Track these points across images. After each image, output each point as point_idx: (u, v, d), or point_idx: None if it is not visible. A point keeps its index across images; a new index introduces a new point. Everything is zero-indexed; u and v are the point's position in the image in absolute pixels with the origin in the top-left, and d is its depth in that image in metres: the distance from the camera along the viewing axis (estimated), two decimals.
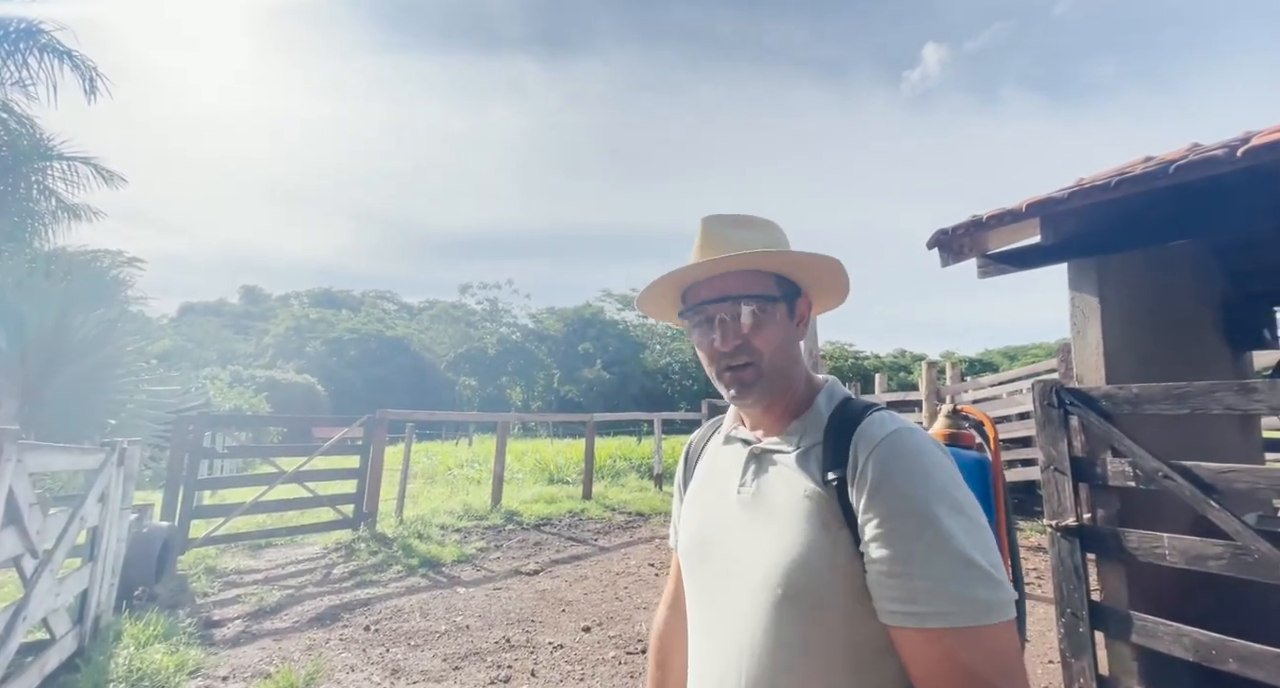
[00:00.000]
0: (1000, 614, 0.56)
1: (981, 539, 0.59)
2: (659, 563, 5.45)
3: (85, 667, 2.86)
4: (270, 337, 39.71)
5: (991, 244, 3.22)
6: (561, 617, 4.01)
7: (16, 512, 2.15)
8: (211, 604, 4.16)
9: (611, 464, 11.58)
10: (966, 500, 0.61)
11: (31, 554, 2.37)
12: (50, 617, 2.68)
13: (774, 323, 0.75)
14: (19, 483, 2.13)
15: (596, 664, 3.24)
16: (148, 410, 5.45)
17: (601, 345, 44.13)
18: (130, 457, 3.58)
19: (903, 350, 62.75)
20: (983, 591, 0.56)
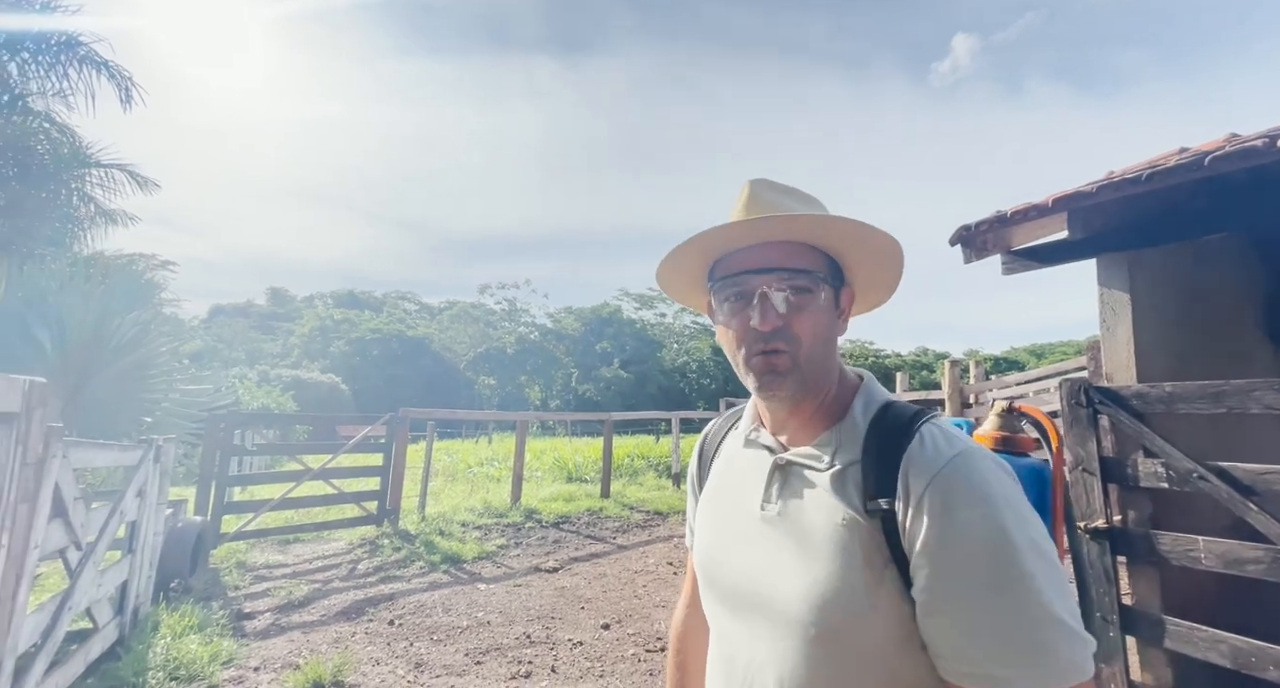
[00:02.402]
0: (1083, 673, 0.50)
1: (1062, 587, 0.52)
2: (677, 562, 5.46)
3: (126, 655, 2.97)
4: (296, 337, 40.65)
5: (1016, 240, 3.15)
6: (581, 614, 4.04)
7: (62, 506, 2.25)
8: (243, 597, 4.29)
9: (629, 463, 11.61)
10: (1043, 540, 0.54)
11: (76, 547, 2.48)
12: (93, 607, 2.80)
13: (819, 308, 0.65)
14: (64, 478, 2.22)
15: (616, 662, 3.26)
16: (181, 409, 5.63)
17: (619, 344, 44.24)
18: (166, 454, 3.71)
19: (925, 348, 61.69)
20: (1065, 649, 0.50)
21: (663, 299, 52.01)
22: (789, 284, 0.63)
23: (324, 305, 51.26)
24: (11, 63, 5.33)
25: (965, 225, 3.11)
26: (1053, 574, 0.52)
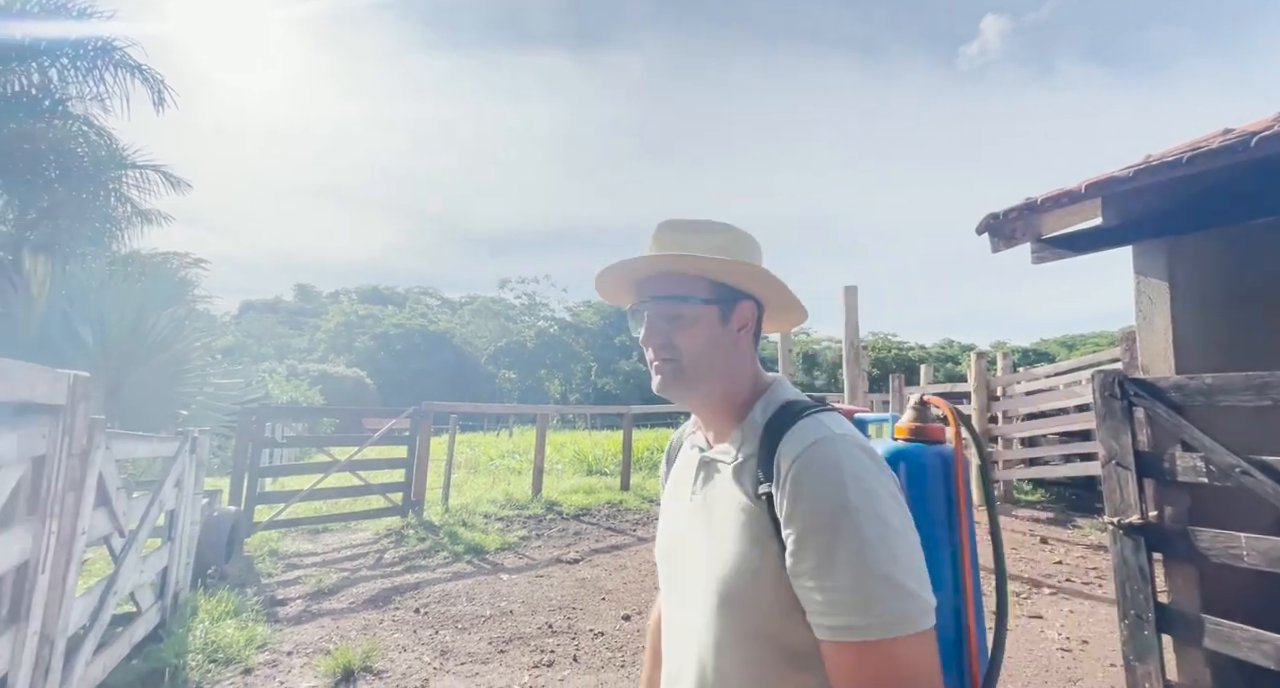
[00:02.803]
0: (907, 628, 0.56)
1: (897, 550, 0.59)
2: None
3: (167, 638, 3.10)
4: (322, 332, 41.57)
5: (1047, 228, 3.06)
6: (602, 605, 4.08)
7: (106, 495, 2.35)
8: (275, 584, 4.43)
9: (649, 456, 11.64)
10: (887, 510, 0.61)
11: (119, 534, 2.58)
12: (136, 591, 2.92)
13: (699, 324, 0.76)
14: (107, 468, 2.32)
15: (637, 653, 3.29)
16: (215, 402, 5.82)
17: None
18: (201, 445, 3.84)
19: (950, 340, 60.41)
20: (892, 605, 0.57)
21: None
22: (667, 309, 0.77)
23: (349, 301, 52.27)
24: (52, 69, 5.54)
25: (993, 214, 3.03)
26: (890, 539, 0.59)
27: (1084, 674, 2.99)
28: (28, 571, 1.74)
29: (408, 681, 2.91)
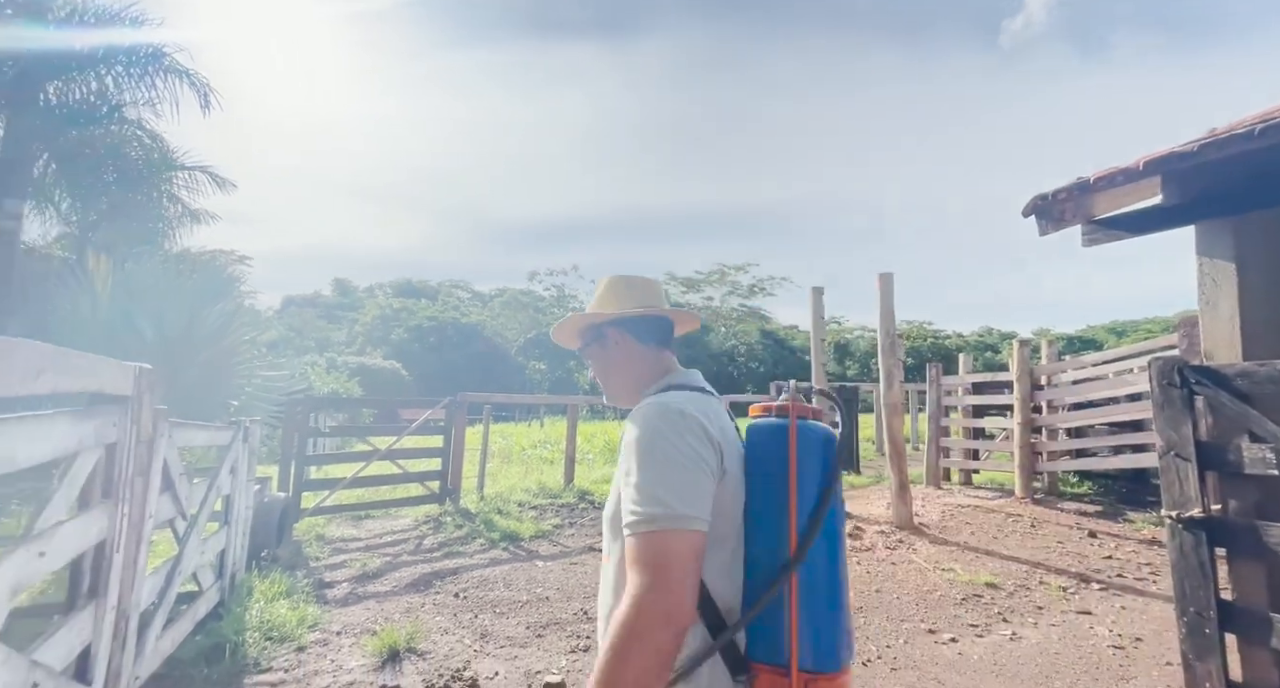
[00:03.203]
0: (661, 525, 0.78)
1: (664, 474, 0.81)
2: None
3: (227, 616, 3.28)
4: (359, 325, 42.84)
5: (1100, 208, 2.91)
6: None
7: (170, 480, 2.49)
8: (323, 568, 4.63)
9: None
10: (665, 446, 0.83)
11: (182, 517, 2.73)
12: (198, 572, 3.09)
13: (594, 360, 1.12)
14: (171, 455, 2.45)
15: None
16: (263, 393, 6.08)
17: None
18: (253, 434, 4.02)
19: (989, 328, 58.39)
20: (650, 508, 0.79)
21: (710, 281, 51.41)
22: (584, 357, 1.16)
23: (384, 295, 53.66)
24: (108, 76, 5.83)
25: (1041, 195, 2.90)
26: (660, 466, 0.82)
27: (1138, 673, 2.88)
28: (104, 550, 1.86)
29: (450, 662, 3.00)
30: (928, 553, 4.86)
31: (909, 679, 2.85)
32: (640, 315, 1.08)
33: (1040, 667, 2.97)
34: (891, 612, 3.71)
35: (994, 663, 3.01)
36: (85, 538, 1.72)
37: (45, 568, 1.48)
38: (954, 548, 4.96)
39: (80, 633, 1.75)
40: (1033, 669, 2.94)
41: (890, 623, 3.53)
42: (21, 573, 1.36)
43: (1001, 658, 3.06)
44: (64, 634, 1.63)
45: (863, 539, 5.30)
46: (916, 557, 4.78)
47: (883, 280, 6.18)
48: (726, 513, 0.87)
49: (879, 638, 3.33)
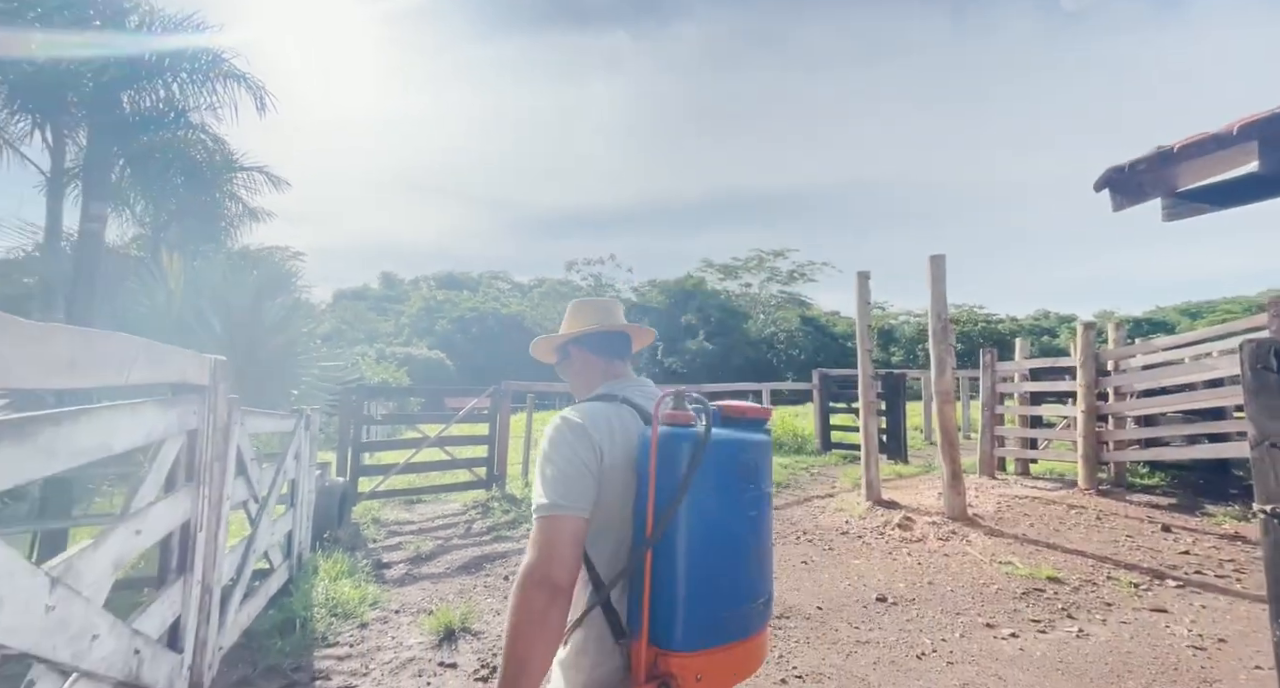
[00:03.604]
0: (543, 513, 0.99)
1: (547, 473, 1.02)
2: (775, 533, 5.41)
3: (296, 593, 3.48)
4: (405, 317, 44.33)
5: (1183, 179, 2.69)
6: None
7: (243, 465, 2.64)
8: (380, 549, 4.85)
9: None
10: (553, 451, 1.04)
11: (254, 500, 2.90)
12: (269, 551, 3.29)
13: (564, 372, 1.39)
14: (243, 441, 2.60)
15: None
16: (320, 383, 6.38)
17: (704, 316, 43.85)
18: (313, 422, 4.22)
19: (1045, 311, 55.38)
20: (537, 501, 1.01)
21: (748, 268, 50.64)
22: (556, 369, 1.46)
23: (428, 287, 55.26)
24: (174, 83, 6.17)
25: (1116, 166, 2.70)
26: (546, 467, 1.03)
27: (1222, 676, 2.70)
28: (189, 529, 1.99)
29: (503, 642, 3.10)
30: (983, 545, 4.69)
31: (967, 674, 2.76)
32: (595, 332, 1.31)
33: (1110, 666, 2.82)
34: (945, 604, 3.60)
35: (1059, 660, 2.88)
36: (173, 518, 1.85)
37: (141, 545, 1.59)
38: (1011, 540, 4.77)
39: (171, 606, 1.88)
40: (1102, 668, 2.80)
41: (945, 616, 3.43)
42: (122, 549, 1.47)
43: (1067, 655, 2.93)
44: (157, 607, 1.76)
45: (913, 530, 5.15)
46: (971, 549, 4.61)
47: (933, 263, 5.92)
48: (612, 503, 1.02)
49: (933, 631, 3.24)
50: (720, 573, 0.95)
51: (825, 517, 5.96)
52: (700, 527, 0.94)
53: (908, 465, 9.10)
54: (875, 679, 2.72)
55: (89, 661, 1.27)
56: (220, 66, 6.41)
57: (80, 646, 1.23)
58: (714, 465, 0.96)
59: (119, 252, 8.74)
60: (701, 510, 0.94)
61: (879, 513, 5.70)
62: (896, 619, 3.40)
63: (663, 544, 0.93)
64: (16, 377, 0.87)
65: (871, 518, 5.59)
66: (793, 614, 3.50)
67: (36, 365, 0.90)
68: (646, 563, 0.93)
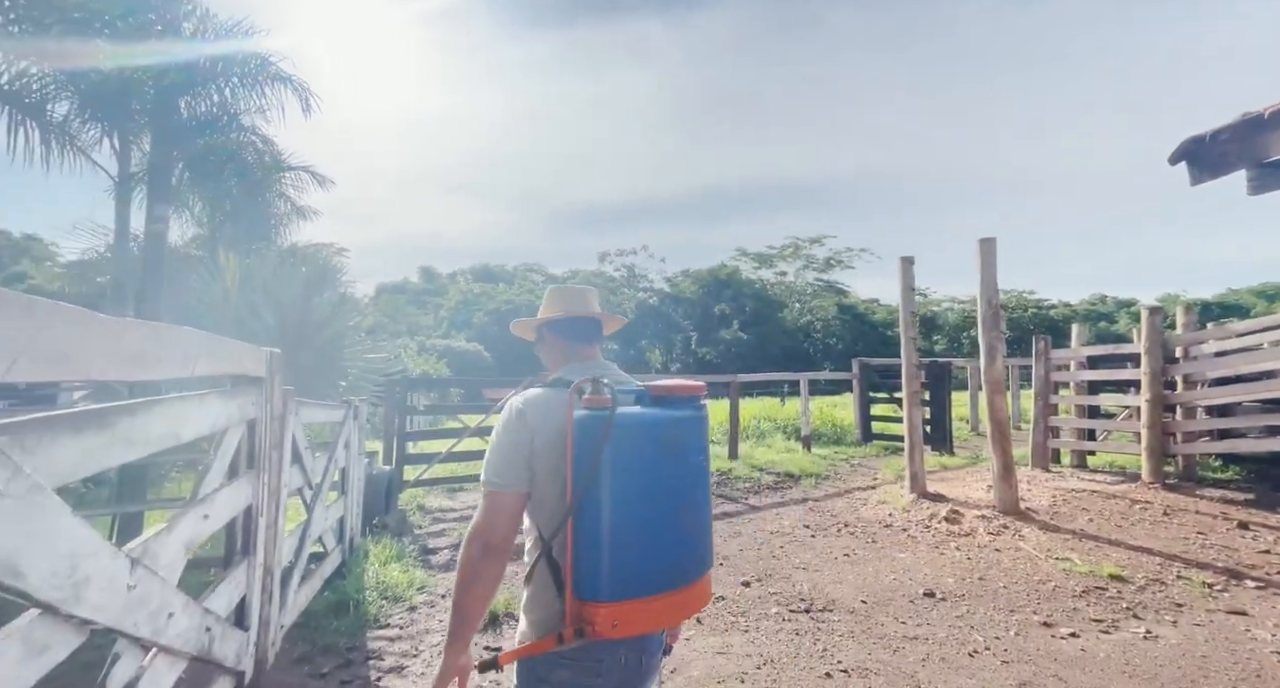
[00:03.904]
0: (486, 488, 1.18)
1: (491, 453, 1.20)
2: (814, 525, 5.33)
3: (349, 576, 3.62)
4: (444, 310, 45.44)
5: (1275, 149, 2.47)
6: (719, 570, 4.13)
7: (298, 453, 2.75)
8: (425, 535, 5.00)
9: (756, 425, 11.48)
10: (497, 434, 1.21)
11: (309, 487, 3.03)
12: (323, 535, 3.43)
13: (540, 351, 1.51)
14: (298, 431, 2.70)
15: (760, 619, 3.30)
16: (366, 374, 6.61)
17: (738, 306, 43.35)
18: (361, 412, 4.37)
19: (1101, 296, 52.46)
20: (483, 477, 1.19)
21: (783, 257, 49.68)
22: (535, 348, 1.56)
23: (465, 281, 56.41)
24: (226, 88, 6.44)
25: (1196, 137, 2.50)
26: (491, 448, 1.20)
27: None
28: (251, 514, 2.09)
29: None
30: (1037, 540, 4.49)
31: (1023, 674, 2.65)
32: (564, 318, 1.42)
33: (1184, 670, 2.66)
34: (999, 601, 3.47)
35: (1124, 663, 2.74)
36: (236, 503, 1.94)
37: (209, 529, 1.67)
38: (1068, 536, 4.55)
39: (237, 586, 1.98)
40: (1174, 672, 2.65)
41: (997, 613, 3.30)
42: (192, 532, 1.55)
43: (1134, 658, 2.78)
44: (224, 587, 1.85)
45: (961, 524, 4.98)
46: (1025, 544, 4.43)
47: (983, 246, 5.66)
48: (547, 476, 1.16)
49: (985, 628, 3.12)
50: (636, 535, 1.07)
51: (867, 509, 5.83)
52: (616, 495, 1.06)
53: (953, 457, 8.80)
54: (925, 676, 2.65)
55: (166, 636, 1.35)
56: (268, 70, 6.65)
57: (158, 623, 1.30)
58: (629, 440, 1.07)
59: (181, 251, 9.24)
60: (617, 481, 1.06)
61: (924, 506, 5.53)
62: (946, 615, 3.30)
63: (583, 510, 1.06)
64: (97, 369, 0.91)
65: (916, 511, 5.43)
66: (836, 608, 3.43)
67: (112, 358, 0.94)
68: (568, 528, 1.08)
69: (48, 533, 0.85)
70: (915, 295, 6.47)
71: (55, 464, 0.91)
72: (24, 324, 0.72)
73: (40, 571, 0.84)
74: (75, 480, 0.98)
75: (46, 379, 0.76)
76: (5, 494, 0.74)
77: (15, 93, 6.02)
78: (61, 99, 6.39)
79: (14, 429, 0.80)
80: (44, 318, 0.74)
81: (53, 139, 6.35)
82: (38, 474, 0.84)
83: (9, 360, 0.70)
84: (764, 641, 3.03)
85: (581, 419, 1.09)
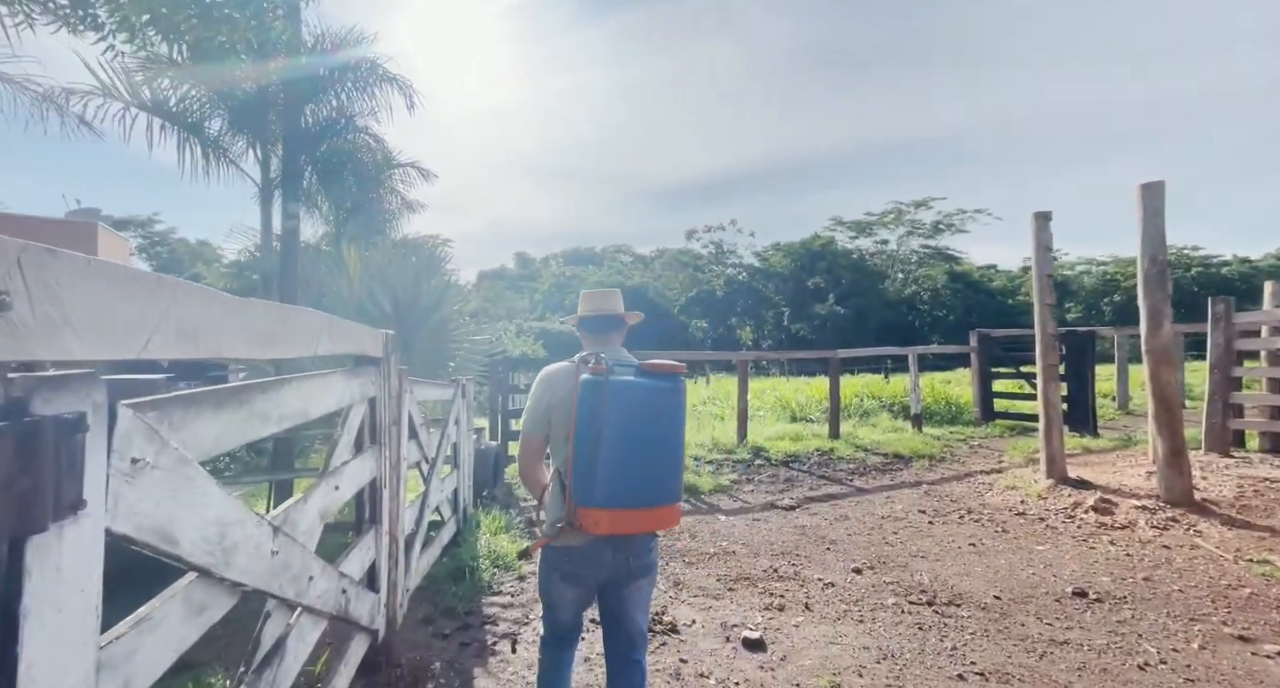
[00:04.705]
0: (522, 431, 1.75)
1: (526, 409, 1.75)
2: (931, 511, 4.91)
3: (463, 544, 3.86)
4: (539, 293, 47.48)
5: None
6: (827, 555, 3.92)
7: (414, 429, 2.92)
8: (530, 507, 5.23)
9: (858, 403, 10.84)
10: (530, 395, 1.74)
11: (425, 461, 3.22)
12: (440, 506, 3.67)
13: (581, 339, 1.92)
14: (413, 408, 2.87)
15: (875, 609, 3.07)
16: (471, 356, 7.01)
17: (833, 278, 41.05)
18: (468, 391, 4.60)
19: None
20: (521, 423, 1.81)
21: (884, 223, 46.19)
22: None
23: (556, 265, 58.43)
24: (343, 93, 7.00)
25: None
26: (527, 405, 1.76)
27: None
28: (376, 486, 2.23)
29: None
30: (1221, 538, 3.80)
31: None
32: (591, 316, 1.87)
33: None
34: (1173, 607, 2.96)
35: None
36: (362, 475, 2.07)
37: (340, 498, 1.79)
38: (1264, 534, 3.80)
39: (367, 552, 2.13)
40: None
41: (1173, 621, 2.82)
42: (325, 502, 1.66)
43: None
44: (356, 553, 2.00)
45: (1114, 515, 4.34)
46: (1204, 542, 3.76)
47: (1145, 192, 4.78)
48: (559, 423, 1.65)
49: (1157, 638, 2.68)
50: (616, 465, 1.50)
51: (994, 495, 5.27)
52: (604, 435, 1.49)
53: (1097, 439, 7.74)
54: None
55: (309, 597, 1.45)
56: (377, 71, 7.10)
57: (300, 585, 1.40)
58: (616, 398, 1.51)
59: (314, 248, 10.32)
60: (605, 425, 1.49)
61: (1065, 493, 4.89)
62: (1103, 619, 2.88)
63: (581, 445, 1.51)
64: (226, 347, 0.95)
65: (1055, 498, 4.82)
66: (964, 602, 3.12)
67: (240, 336, 0.98)
68: (569, 456, 1.56)
69: (196, 503, 0.89)
70: (1048, 254, 5.65)
71: (200, 439, 0.97)
72: (154, 301, 0.74)
73: (191, 537, 0.89)
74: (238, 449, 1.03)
75: (178, 357, 0.79)
76: (156, 466, 0.78)
77: (181, 113, 6.93)
78: (215, 116, 7.27)
79: (161, 405, 0.84)
80: (171, 294, 0.77)
81: (210, 152, 7.26)
82: (184, 448, 0.88)
83: (143, 339, 0.72)
84: (882, 633, 2.82)
85: (585, 382, 1.55)
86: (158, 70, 6.53)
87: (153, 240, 38.89)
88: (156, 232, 39.09)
